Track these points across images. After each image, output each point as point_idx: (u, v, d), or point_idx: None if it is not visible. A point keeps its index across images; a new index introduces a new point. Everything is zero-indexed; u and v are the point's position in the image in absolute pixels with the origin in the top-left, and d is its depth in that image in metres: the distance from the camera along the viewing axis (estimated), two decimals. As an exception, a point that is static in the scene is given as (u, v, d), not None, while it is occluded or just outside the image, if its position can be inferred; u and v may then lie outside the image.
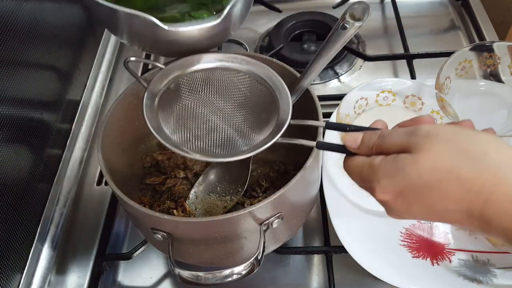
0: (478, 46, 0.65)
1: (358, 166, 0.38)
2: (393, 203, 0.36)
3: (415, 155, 0.34)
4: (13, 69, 0.57)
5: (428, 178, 0.33)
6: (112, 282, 0.60)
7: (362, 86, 0.62)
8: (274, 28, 0.87)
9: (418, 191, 0.34)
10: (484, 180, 0.32)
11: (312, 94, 0.52)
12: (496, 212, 0.32)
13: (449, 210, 0.34)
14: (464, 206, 0.33)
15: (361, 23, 0.44)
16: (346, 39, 0.46)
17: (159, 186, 0.60)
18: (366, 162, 0.38)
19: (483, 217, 0.32)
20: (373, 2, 0.94)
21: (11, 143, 0.56)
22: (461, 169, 0.32)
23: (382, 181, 0.36)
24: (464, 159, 0.33)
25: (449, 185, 0.33)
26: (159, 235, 0.46)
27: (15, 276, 0.56)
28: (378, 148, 0.38)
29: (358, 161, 0.39)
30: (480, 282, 0.50)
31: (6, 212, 0.54)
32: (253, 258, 0.43)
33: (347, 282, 0.56)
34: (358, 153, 0.39)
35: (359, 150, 0.39)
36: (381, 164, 0.36)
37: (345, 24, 0.45)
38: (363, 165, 0.38)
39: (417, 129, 0.36)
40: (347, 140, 0.40)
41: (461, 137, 0.34)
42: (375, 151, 0.38)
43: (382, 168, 0.36)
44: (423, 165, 0.33)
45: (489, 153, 0.33)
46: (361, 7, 0.45)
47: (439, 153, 0.33)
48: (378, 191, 0.36)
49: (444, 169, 0.33)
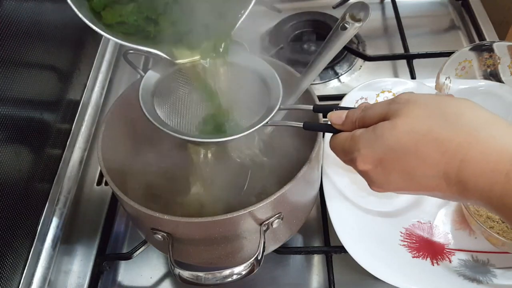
0: (478, 46, 0.65)
1: (341, 141, 0.39)
2: (374, 172, 0.36)
3: (393, 120, 0.35)
4: (13, 69, 0.57)
5: (405, 141, 0.34)
6: (112, 282, 0.60)
7: (362, 86, 0.62)
8: (274, 28, 0.87)
9: (396, 156, 0.34)
10: (460, 140, 0.32)
11: (312, 94, 0.52)
12: (472, 172, 0.32)
13: (428, 175, 0.34)
14: (441, 169, 0.33)
15: (361, 23, 0.44)
16: (346, 40, 0.46)
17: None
18: (349, 135, 0.38)
19: (459, 179, 0.32)
20: (373, 2, 0.94)
21: (11, 143, 0.56)
22: (438, 130, 0.33)
23: (362, 150, 0.36)
24: (440, 121, 0.33)
25: (426, 147, 0.33)
26: (159, 235, 0.46)
27: (15, 276, 0.56)
28: (361, 121, 0.38)
29: (341, 136, 0.39)
30: (480, 282, 0.50)
31: (6, 212, 0.54)
32: (253, 258, 0.43)
33: (347, 282, 0.56)
34: (343, 130, 0.40)
35: (343, 126, 0.40)
36: (362, 134, 0.37)
37: (345, 25, 0.45)
38: (346, 138, 0.38)
39: (397, 97, 0.37)
40: (333, 117, 0.41)
41: (438, 102, 0.35)
42: (357, 125, 0.38)
43: (362, 138, 0.36)
44: (401, 129, 0.34)
45: (465, 114, 0.33)
46: (361, 8, 0.45)
47: (417, 116, 0.34)
48: (359, 161, 0.36)
49: (421, 131, 0.33)
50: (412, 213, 0.58)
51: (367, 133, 0.36)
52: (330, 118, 0.41)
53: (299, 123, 0.44)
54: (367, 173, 0.37)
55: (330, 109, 0.42)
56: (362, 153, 0.36)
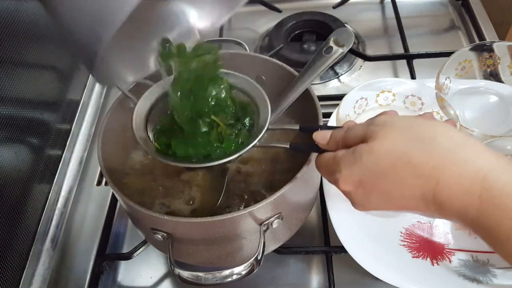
0: (478, 46, 0.65)
1: (325, 161, 0.40)
2: (355, 193, 0.37)
3: (370, 143, 0.36)
4: (13, 69, 0.57)
5: (382, 164, 0.35)
6: (112, 282, 0.60)
7: (362, 86, 0.62)
8: (274, 28, 0.87)
9: (375, 178, 0.35)
10: (434, 163, 0.33)
11: (312, 94, 0.52)
12: (447, 195, 0.32)
13: (405, 196, 0.35)
14: (418, 191, 0.34)
15: (344, 49, 0.46)
16: (329, 64, 0.48)
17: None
18: (332, 156, 0.39)
19: (436, 201, 0.33)
20: (373, 2, 0.94)
21: (11, 143, 0.56)
22: (412, 153, 0.34)
23: (343, 171, 0.37)
24: (415, 144, 0.34)
25: (402, 170, 0.34)
26: (159, 235, 0.46)
27: (15, 276, 0.56)
28: (343, 142, 0.39)
29: (325, 157, 0.40)
30: (480, 282, 0.50)
31: (6, 212, 0.54)
32: (253, 258, 0.43)
33: (347, 282, 0.56)
34: (328, 150, 0.41)
35: (328, 146, 0.41)
36: (343, 156, 0.37)
37: (329, 49, 0.47)
38: (329, 159, 0.39)
39: (375, 119, 0.38)
40: (318, 137, 0.42)
41: (414, 125, 0.35)
42: (341, 145, 0.39)
43: (343, 159, 0.37)
44: (378, 152, 0.35)
45: (438, 137, 0.34)
46: (345, 34, 0.48)
47: (393, 139, 0.35)
48: (341, 182, 0.37)
49: (397, 154, 0.34)
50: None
51: (347, 154, 0.37)
52: (315, 138, 0.42)
53: (285, 144, 0.45)
54: (349, 193, 0.38)
55: (315, 128, 0.43)
56: (343, 174, 0.37)
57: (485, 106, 0.65)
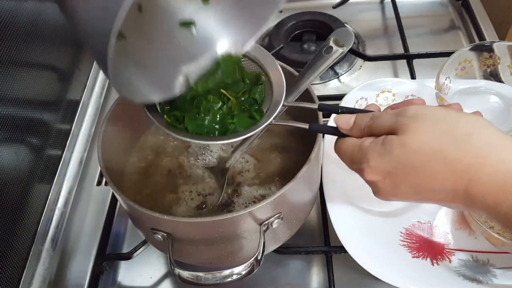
0: (478, 46, 0.65)
1: (349, 148, 0.39)
2: (382, 183, 0.37)
3: (402, 136, 0.35)
4: (13, 69, 0.57)
5: (415, 159, 0.34)
6: (112, 282, 0.60)
7: (362, 86, 0.62)
8: (274, 28, 0.87)
9: (406, 172, 0.35)
10: (468, 161, 0.33)
11: (312, 94, 0.52)
12: (480, 191, 0.33)
13: (435, 190, 0.34)
14: (449, 185, 0.34)
15: (344, 49, 0.46)
16: (329, 64, 0.47)
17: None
18: (357, 144, 0.38)
19: (467, 195, 0.33)
20: (373, 2, 0.94)
21: (11, 143, 0.56)
22: (447, 150, 0.33)
23: (371, 162, 0.36)
24: (449, 140, 0.33)
25: (435, 166, 0.34)
26: (159, 235, 0.46)
27: (15, 276, 0.56)
28: (369, 130, 0.38)
29: (349, 143, 0.39)
30: (480, 282, 0.50)
31: (6, 212, 0.54)
32: (253, 258, 0.43)
33: (347, 282, 0.56)
34: (350, 135, 0.40)
35: (351, 131, 0.40)
36: (371, 146, 0.37)
37: (329, 49, 0.47)
38: (354, 147, 0.38)
39: (405, 110, 0.37)
40: (340, 122, 0.41)
41: (447, 118, 0.35)
42: (366, 132, 0.39)
43: (371, 150, 0.37)
44: (410, 146, 0.34)
45: (474, 134, 0.33)
46: (345, 34, 0.47)
47: (425, 134, 0.34)
48: (367, 172, 0.37)
49: (430, 150, 0.34)
50: (412, 213, 0.58)
51: (376, 146, 0.36)
52: (337, 122, 0.41)
53: (304, 124, 0.44)
54: (375, 183, 0.37)
55: (335, 109, 0.42)
56: (371, 165, 0.36)
57: (485, 106, 0.64)
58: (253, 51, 0.49)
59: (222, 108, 0.47)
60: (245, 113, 0.47)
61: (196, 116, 0.46)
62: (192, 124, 0.46)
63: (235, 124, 0.46)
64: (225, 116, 0.47)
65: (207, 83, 0.48)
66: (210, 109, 0.46)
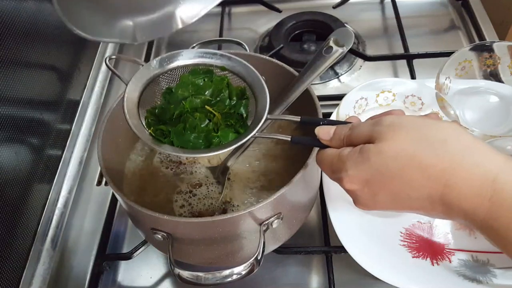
0: (478, 46, 0.65)
1: (329, 158, 0.40)
2: (360, 192, 0.37)
3: (378, 144, 0.36)
4: (13, 69, 0.57)
5: (391, 166, 0.35)
6: (112, 282, 0.60)
7: (362, 86, 0.62)
8: (274, 28, 0.87)
9: (383, 179, 0.35)
10: (443, 166, 0.33)
11: (312, 94, 0.52)
12: (456, 196, 0.33)
13: (412, 197, 0.35)
14: (426, 192, 0.34)
15: (344, 49, 0.46)
16: (329, 64, 0.47)
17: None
18: (336, 154, 0.39)
19: (444, 201, 0.33)
20: (373, 2, 0.94)
21: (11, 143, 0.56)
22: (422, 156, 0.34)
23: (349, 171, 0.37)
24: (424, 146, 0.34)
25: (411, 172, 0.34)
26: (159, 235, 0.46)
27: (15, 276, 0.56)
28: (348, 140, 0.39)
29: (329, 153, 0.40)
30: (480, 282, 0.50)
31: (6, 212, 0.54)
32: (253, 258, 0.43)
33: (347, 282, 0.56)
34: (330, 146, 0.41)
35: (331, 142, 0.41)
36: (349, 155, 0.37)
37: (329, 49, 0.47)
38: (333, 156, 0.39)
39: (382, 119, 0.37)
40: (321, 133, 0.41)
41: (423, 126, 0.35)
42: (345, 143, 0.39)
43: (349, 159, 0.37)
44: (387, 154, 0.35)
45: (449, 140, 0.34)
46: (345, 34, 0.47)
47: (401, 141, 0.35)
48: (346, 181, 0.37)
49: (406, 156, 0.34)
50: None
51: (354, 154, 0.37)
52: (318, 133, 0.42)
53: (287, 137, 0.44)
54: (354, 192, 0.38)
55: (317, 121, 0.43)
56: (350, 174, 0.37)
57: (485, 106, 0.65)
58: (237, 66, 0.50)
59: (208, 125, 0.48)
60: (230, 128, 0.48)
61: (182, 132, 0.47)
62: (178, 139, 0.47)
63: (220, 137, 0.47)
64: (210, 131, 0.48)
65: (194, 101, 0.49)
66: (196, 127, 0.47)
